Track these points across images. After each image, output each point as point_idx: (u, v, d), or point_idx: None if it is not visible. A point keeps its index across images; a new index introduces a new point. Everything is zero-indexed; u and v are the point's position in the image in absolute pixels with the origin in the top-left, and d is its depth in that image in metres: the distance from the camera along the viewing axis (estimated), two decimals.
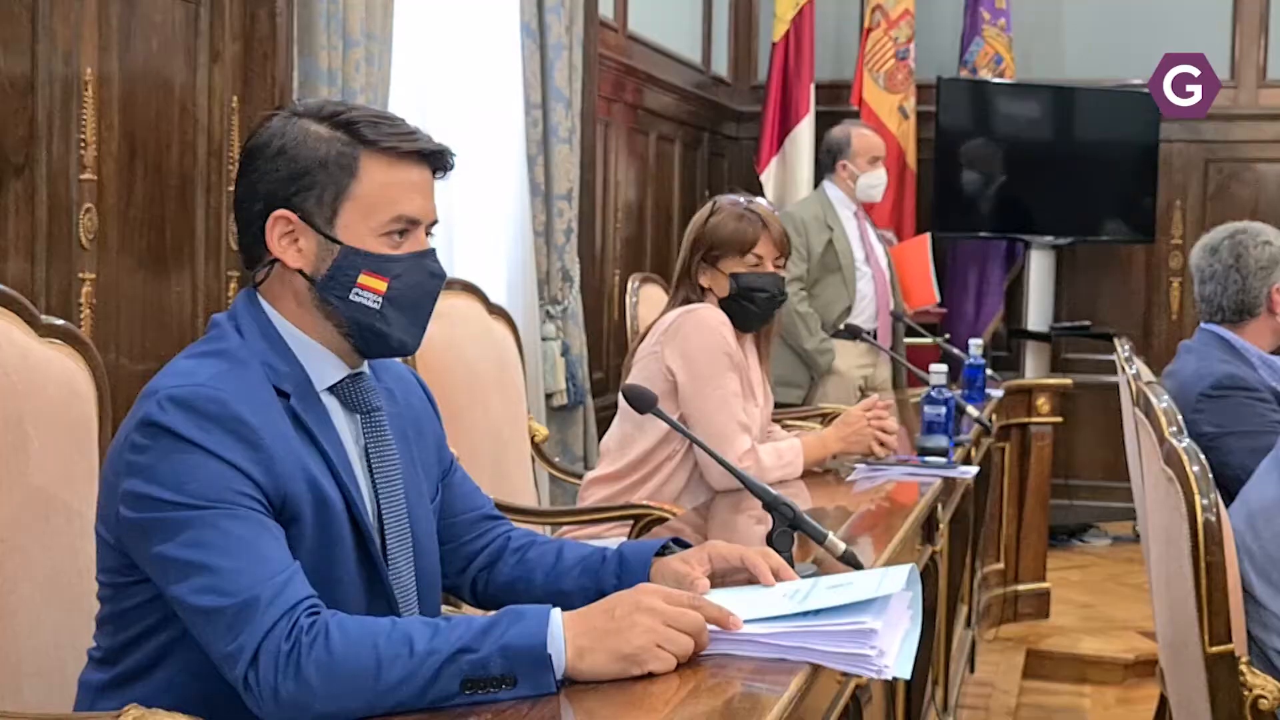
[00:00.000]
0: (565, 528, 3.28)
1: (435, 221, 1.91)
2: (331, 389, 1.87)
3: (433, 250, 1.90)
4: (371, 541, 1.83)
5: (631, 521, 3.05)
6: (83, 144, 2.78)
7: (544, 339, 5.00)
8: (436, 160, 1.89)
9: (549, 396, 5.02)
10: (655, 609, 1.61)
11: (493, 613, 1.61)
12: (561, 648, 1.57)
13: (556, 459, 4.23)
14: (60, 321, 2.15)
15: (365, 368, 1.93)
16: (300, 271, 1.84)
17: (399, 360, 2.06)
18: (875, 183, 5.59)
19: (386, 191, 1.84)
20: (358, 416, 1.89)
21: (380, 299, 1.83)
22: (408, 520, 1.92)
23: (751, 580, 1.89)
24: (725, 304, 3.27)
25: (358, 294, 1.83)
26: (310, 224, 1.83)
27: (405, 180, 1.85)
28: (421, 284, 1.88)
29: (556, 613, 1.59)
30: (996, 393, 4.83)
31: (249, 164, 1.88)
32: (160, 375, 1.77)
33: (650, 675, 1.58)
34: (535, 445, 3.71)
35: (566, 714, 1.53)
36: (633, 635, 1.59)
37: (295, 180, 1.83)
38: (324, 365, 1.86)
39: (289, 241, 1.84)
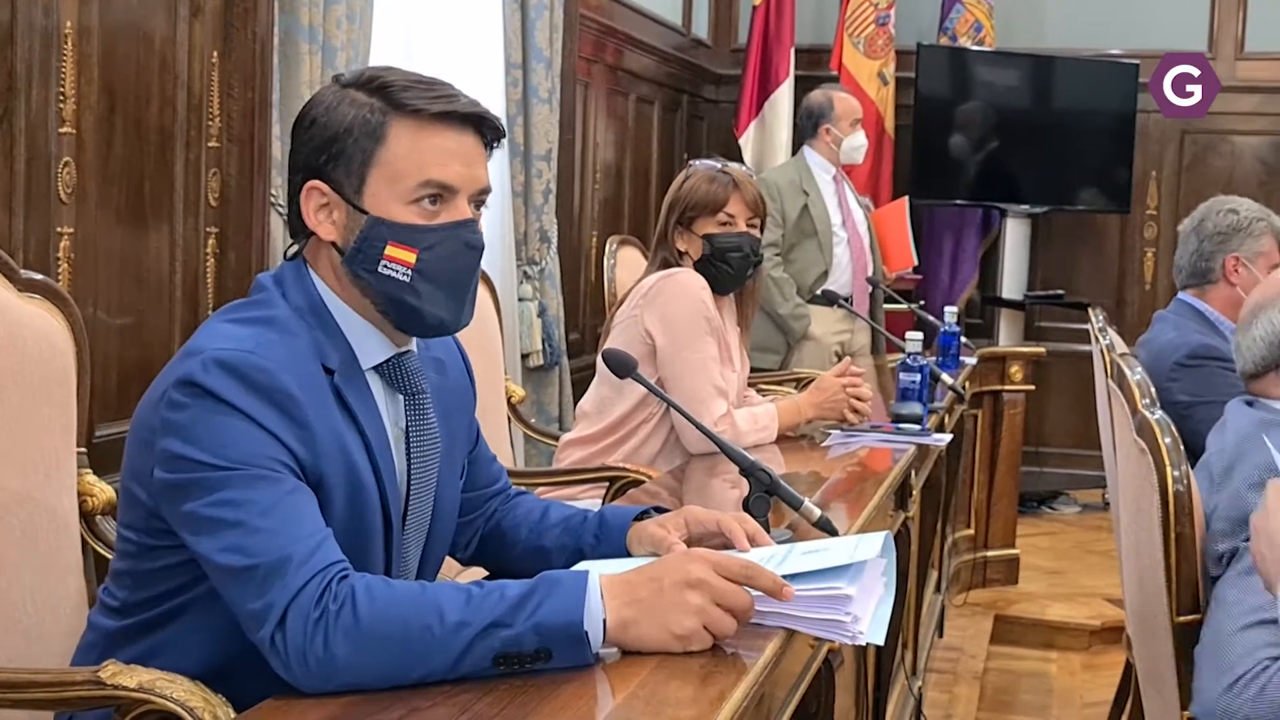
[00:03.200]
0: (541, 489, 3.29)
1: (485, 190, 1.82)
2: (376, 368, 1.82)
3: (472, 221, 1.80)
4: (394, 526, 1.80)
5: (607, 483, 3.06)
6: (62, 97, 2.77)
7: (521, 299, 5.01)
8: (478, 125, 1.80)
9: (525, 357, 5.03)
10: (707, 583, 1.57)
11: (526, 581, 1.55)
12: (600, 619, 1.53)
13: (532, 420, 4.24)
14: (39, 276, 2.13)
15: (413, 346, 1.87)
16: (334, 245, 1.79)
17: None
18: (859, 144, 5.62)
19: (414, 156, 1.75)
20: (401, 398, 1.84)
21: (410, 271, 1.75)
22: (432, 505, 1.89)
23: (727, 545, 1.90)
24: (701, 266, 3.28)
25: (386, 266, 1.75)
26: (340, 194, 1.77)
27: (437, 145, 1.76)
28: (456, 256, 1.78)
29: (594, 582, 1.55)
30: (970, 360, 4.85)
31: (293, 137, 1.83)
32: (204, 335, 1.72)
33: None
34: (512, 406, 3.72)
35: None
36: (684, 616, 1.55)
37: (325, 149, 1.77)
38: (370, 343, 1.81)
39: (325, 214, 1.79)
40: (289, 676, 1.52)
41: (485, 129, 1.82)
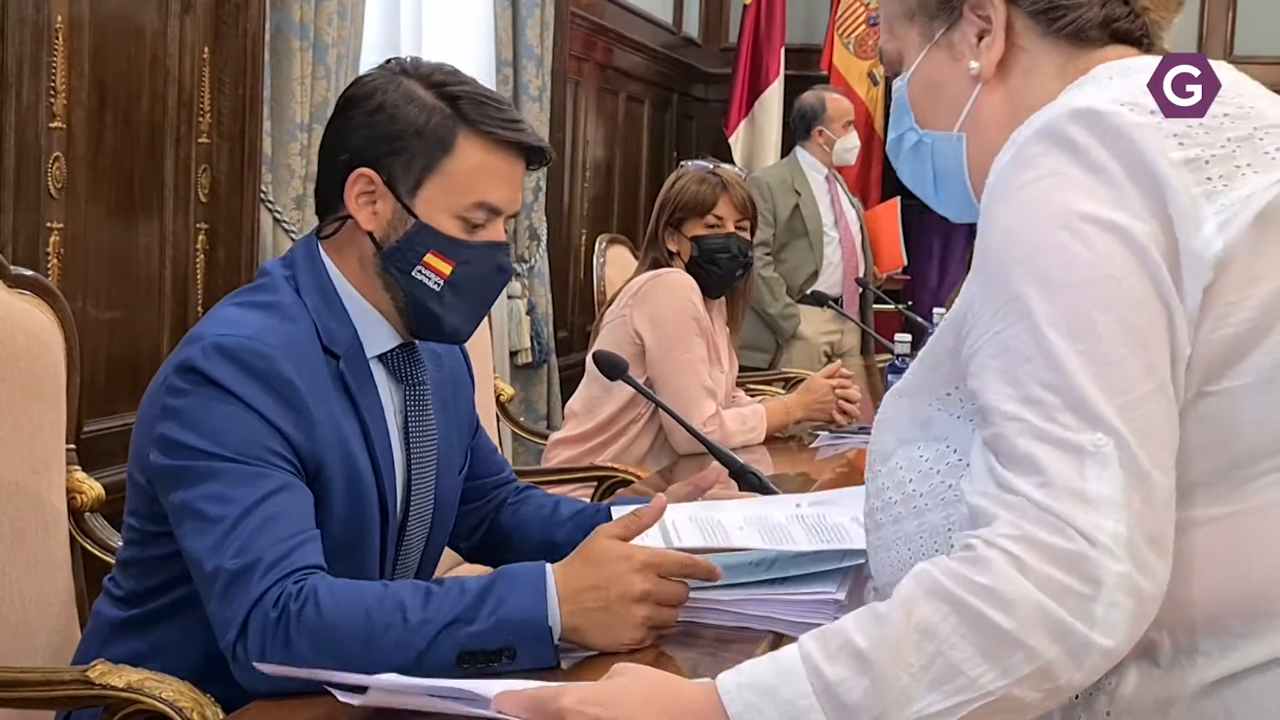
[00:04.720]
0: None
1: (516, 214, 1.87)
2: (380, 357, 1.83)
3: (506, 244, 1.85)
4: (392, 516, 1.80)
5: (595, 483, 3.06)
6: (52, 92, 2.75)
7: (510, 297, 5.00)
8: (533, 155, 1.84)
9: (514, 355, 5.03)
10: (651, 593, 1.58)
11: (483, 575, 1.57)
12: (558, 617, 1.54)
13: (520, 418, 4.24)
14: (28, 272, 2.13)
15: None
16: (370, 235, 1.79)
17: None
18: (851, 146, 5.65)
19: (477, 175, 1.78)
20: (403, 388, 1.85)
21: (442, 282, 1.78)
22: (433, 496, 1.89)
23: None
24: (690, 268, 3.29)
25: (420, 272, 1.78)
26: (392, 189, 1.77)
27: (498, 169, 1.79)
28: (487, 275, 1.83)
29: (552, 580, 1.55)
30: None
31: (344, 111, 1.82)
32: (206, 321, 1.73)
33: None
34: (501, 404, 3.71)
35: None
36: (627, 630, 1.57)
37: (388, 141, 1.77)
38: (377, 332, 1.81)
39: (366, 201, 1.79)
40: (248, 684, 1.52)
41: (534, 159, 1.84)
